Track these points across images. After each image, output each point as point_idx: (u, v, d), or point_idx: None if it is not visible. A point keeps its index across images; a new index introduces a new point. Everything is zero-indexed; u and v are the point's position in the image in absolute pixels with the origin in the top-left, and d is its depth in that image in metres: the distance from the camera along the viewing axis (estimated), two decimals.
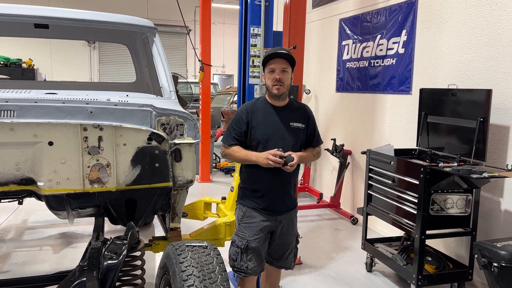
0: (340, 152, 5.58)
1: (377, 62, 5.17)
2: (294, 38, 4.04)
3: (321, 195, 6.13)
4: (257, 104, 2.71)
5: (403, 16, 4.69)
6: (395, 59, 4.84)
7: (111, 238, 2.46)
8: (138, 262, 2.57)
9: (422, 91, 4.00)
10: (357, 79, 5.58)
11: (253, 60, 3.53)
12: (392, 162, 3.68)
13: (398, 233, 4.12)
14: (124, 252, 2.29)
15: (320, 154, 2.85)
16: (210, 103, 7.69)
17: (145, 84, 4.02)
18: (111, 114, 2.48)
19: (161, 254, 2.59)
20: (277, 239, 2.75)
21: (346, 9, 5.82)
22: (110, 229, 4.50)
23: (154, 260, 3.95)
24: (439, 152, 3.77)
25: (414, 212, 3.38)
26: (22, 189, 2.51)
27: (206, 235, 3.41)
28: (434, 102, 3.87)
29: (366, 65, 5.38)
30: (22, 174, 2.44)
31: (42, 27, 3.29)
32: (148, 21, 3.34)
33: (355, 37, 5.61)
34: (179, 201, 2.95)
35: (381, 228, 5.00)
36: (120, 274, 2.34)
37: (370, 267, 4.06)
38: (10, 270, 3.87)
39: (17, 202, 4.17)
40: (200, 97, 7.62)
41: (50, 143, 2.40)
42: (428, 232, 3.34)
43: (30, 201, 3.56)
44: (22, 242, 4.63)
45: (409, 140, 4.50)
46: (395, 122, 4.85)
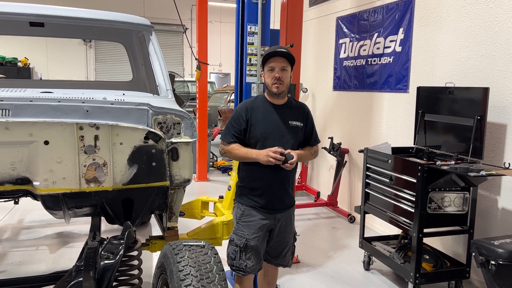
0: (337, 150, 5.58)
1: (374, 61, 5.17)
2: (291, 36, 4.03)
3: (318, 194, 6.13)
4: (256, 102, 2.70)
5: (400, 14, 4.69)
6: (392, 58, 4.83)
7: (108, 237, 2.44)
8: (135, 262, 2.56)
9: (419, 89, 4.00)
10: (354, 78, 5.58)
11: (250, 58, 3.52)
12: (389, 161, 3.68)
13: (396, 231, 4.12)
14: (121, 252, 2.27)
15: (317, 153, 2.85)
16: (207, 102, 7.68)
17: (141, 82, 4.00)
18: (108, 113, 2.47)
19: (158, 253, 2.57)
20: (275, 237, 2.75)
21: (343, 7, 5.81)
22: (107, 228, 4.48)
23: (151, 259, 3.94)
24: (437, 150, 3.77)
25: (412, 210, 3.38)
26: (18, 188, 2.50)
27: (203, 234, 3.41)
28: (431, 100, 3.87)
29: (363, 63, 5.37)
30: (18, 173, 2.42)
31: (37, 25, 3.26)
32: (144, 19, 3.32)
33: (352, 35, 5.60)
34: (176, 200, 2.94)
35: (378, 226, 5.00)
36: (117, 274, 2.33)
37: (367, 266, 4.06)
38: (6, 270, 3.84)
39: (13, 201, 4.14)
40: (197, 95, 7.60)
41: (46, 142, 2.39)
42: (425, 230, 3.34)
43: (26, 200, 3.54)
44: (18, 242, 4.60)
45: (406, 138, 4.50)
46: (393, 121, 4.85)
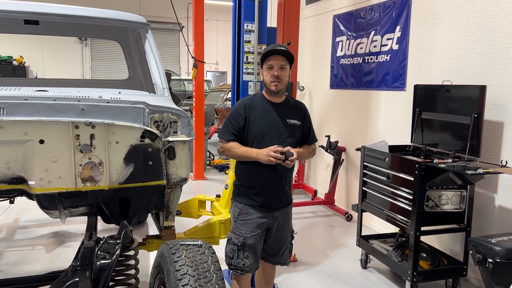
0: (334, 149, 5.58)
1: (371, 59, 5.16)
2: (288, 34, 4.02)
3: (315, 192, 6.12)
4: (254, 99, 2.70)
5: (397, 12, 4.68)
6: (389, 56, 4.83)
7: (104, 237, 2.43)
8: (132, 262, 2.54)
9: (417, 88, 4.00)
10: (351, 76, 5.57)
11: (247, 56, 3.49)
12: (386, 159, 3.67)
13: (393, 229, 4.12)
14: (117, 251, 2.26)
15: (315, 151, 2.85)
16: (203, 100, 7.66)
17: (137, 81, 3.97)
18: (103, 111, 2.45)
19: (155, 252, 2.56)
20: (273, 235, 2.75)
21: (339, 5, 5.80)
22: (103, 228, 4.46)
23: (148, 258, 3.92)
24: (434, 148, 3.77)
25: (409, 208, 3.38)
26: (13, 188, 2.47)
27: (200, 233, 3.39)
28: (428, 99, 3.87)
29: (360, 61, 5.37)
30: (13, 173, 2.40)
31: (32, 23, 3.23)
32: (140, 17, 3.30)
33: (349, 33, 5.59)
34: (173, 199, 2.92)
35: (375, 224, 5.00)
36: (113, 273, 2.31)
37: (365, 264, 4.06)
38: (1, 270, 3.82)
39: (8, 201, 4.11)
40: (193, 94, 7.58)
41: (41, 141, 2.36)
42: (423, 228, 3.34)
43: (21, 200, 3.52)
44: (14, 241, 4.57)
45: (403, 136, 4.50)
46: (390, 119, 4.85)
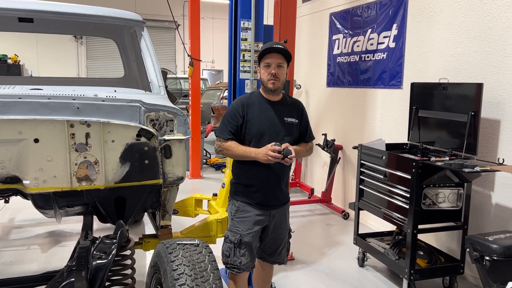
0: (331, 147, 5.57)
1: (367, 57, 5.16)
2: (284, 32, 4.01)
3: (312, 190, 6.12)
4: (252, 98, 2.69)
5: (394, 10, 4.67)
6: (386, 54, 4.82)
7: (100, 237, 2.41)
8: (128, 261, 2.53)
9: (413, 85, 3.99)
10: (347, 74, 5.57)
11: (243, 54, 3.47)
12: (383, 157, 3.67)
13: (390, 227, 4.12)
14: (113, 251, 2.24)
15: (312, 149, 2.85)
16: (200, 99, 7.64)
17: (133, 79, 3.94)
18: (99, 110, 2.43)
19: (151, 252, 2.54)
20: (270, 234, 2.74)
21: (336, 3, 5.78)
22: (99, 227, 4.43)
23: (144, 258, 3.90)
24: (431, 146, 3.77)
25: (406, 206, 3.37)
26: (8, 187, 2.45)
27: (197, 233, 3.38)
28: (425, 96, 3.86)
29: (357, 59, 5.36)
30: (7, 172, 2.37)
31: (26, 21, 3.20)
32: (136, 14, 3.27)
33: (346, 31, 5.58)
34: (170, 198, 2.91)
35: (372, 223, 5.00)
36: (109, 273, 2.29)
37: (362, 262, 4.06)
38: None
39: (3, 200, 4.08)
40: (189, 92, 7.56)
41: (36, 140, 2.34)
42: (420, 226, 3.34)
43: (16, 199, 3.48)
44: (9, 241, 4.54)
45: (400, 134, 4.50)
46: (386, 117, 4.85)
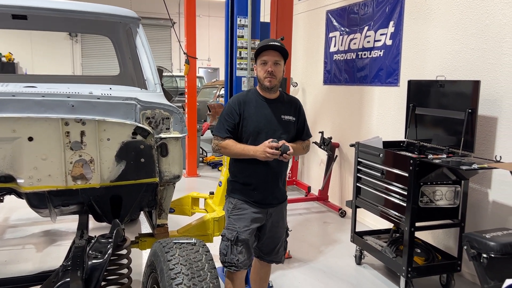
0: (328, 145, 5.56)
1: (364, 54, 5.14)
2: (281, 29, 3.99)
3: (309, 188, 6.11)
4: (249, 95, 2.67)
5: (391, 7, 4.66)
6: (383, 51, 4.81)
7: (96, 236, 2.39)
8: (124, 261, 2.50)
9: (410, 83, 3.98)
10: (344, 72, 5.55)
11: (240, 51, 3.45)
12: (381, 155, 3.66)
13: (387, 225, 4.12)
14: (109, 251, 2.22)
15: (309, 147, 2.83)
16: (196, 97, 7.60)
17: (129, 77, 3.91)
18: (94, 107, 2.40)
19: (148, 251, 2.52)
20: (267, 233, 2.73)
21: (333, 0, 5.76)
22: (95, 226, 4.40)
23: (141, 257, 3.88)
24: (428, 144, 3.76)
25: (403, 204, 3.37)
26: (1, 186, 2.42)
27: (194, 231, 3.36)
28: (422, 94, 3.86)
29: (354, 57, 5.35)
30: (1, 171, 2.35)
31: (20, 18, 3.16)
32: (131, 11, 3.23)
33: (342, 29, 5.57)
34: (166, 196, 2.88)
35: (369, 220, 5.00)
36: (105, 273, 2.27)
37: (359, 260, 4.05)
38: None
39: None
40: (185, 90, 7.52)
41: (30, 139, 2.31)
42: (417, 224, 3.34)
43: (11, 198, 3.45)
44: (4, 241, 4.50)
45: (397, 132, 4.49)
46: (383, 114, 4.84)
